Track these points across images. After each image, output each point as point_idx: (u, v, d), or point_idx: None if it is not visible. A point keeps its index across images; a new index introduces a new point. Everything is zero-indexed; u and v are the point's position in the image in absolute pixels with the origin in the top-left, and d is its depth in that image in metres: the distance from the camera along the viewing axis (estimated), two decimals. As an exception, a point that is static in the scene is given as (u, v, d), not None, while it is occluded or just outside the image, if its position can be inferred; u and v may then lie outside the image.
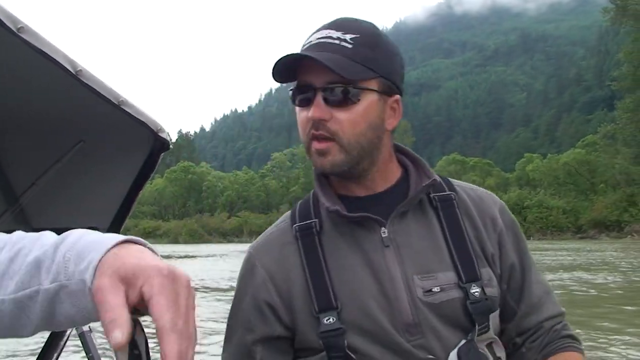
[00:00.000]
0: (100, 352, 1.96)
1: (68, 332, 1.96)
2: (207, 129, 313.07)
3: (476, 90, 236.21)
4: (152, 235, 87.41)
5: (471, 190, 1.51)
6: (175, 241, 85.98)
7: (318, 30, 1.35)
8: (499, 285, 1.42)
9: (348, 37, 1.31)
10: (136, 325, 0.72)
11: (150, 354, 1.56)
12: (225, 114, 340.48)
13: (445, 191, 1.47)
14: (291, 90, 1.36)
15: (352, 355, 1.30)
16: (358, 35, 1.32)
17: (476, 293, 1.35)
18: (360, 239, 1.38)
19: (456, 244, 1.40)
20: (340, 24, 1.35)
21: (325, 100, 1.31)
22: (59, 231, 2.06)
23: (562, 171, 78.40)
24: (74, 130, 1.77)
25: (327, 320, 1.32)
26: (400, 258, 1.37)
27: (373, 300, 1.33)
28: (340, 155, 1.34)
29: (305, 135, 1.35)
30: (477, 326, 1.34)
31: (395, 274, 1.35)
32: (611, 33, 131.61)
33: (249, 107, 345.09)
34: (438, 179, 1.44)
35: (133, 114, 1.65)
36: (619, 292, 15.28)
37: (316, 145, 1.34)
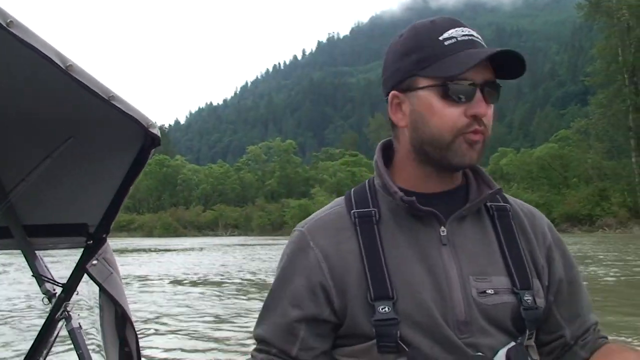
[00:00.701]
0: (90, 348, 1.96)
1: (57, 329, 1.96)
2: (182, 121, 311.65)
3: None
4: (126, 229, 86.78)
5: (523, 205, 1.57)
6: (150, 234, 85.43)
7: (455, 27, 1.37)
8: (545, 297, 1.47)
9: (475, 32, 1.39)
10: (126, 323, 0.74)
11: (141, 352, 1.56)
12: (201, 107, 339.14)
13: (500, 202, 1.52)
14: (443, 85, 1.34)
15: (404, 346, 1.32)
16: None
17: (529, 300, 1.39)
18: (419, 234, 1.41)
19: (511, 252, 1.44)
20: (464, 23, 1.41)
21: (485, 98, 1.36)
22: (48, 227, 2.06)
23: (535, 165, 78.95)
24: (64, 125, 1.76)
25: (382, 309, 1.32)
26: (457, 257, 1.40)
27: (428, 294, 1.35)
28: (483, 147, 1.39)
29: (454, 131, 1.35)
30: (527, 332, 1.39)
31: (452, 272, 1.37)
32: (585, 29, 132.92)
33: (224, 100, 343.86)
34: (499, 187, 1.49)
35: (124, 109, 1.65)
36: (610, 284, 15.53)
37: (474, 137, 1.36)
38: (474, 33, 1.36)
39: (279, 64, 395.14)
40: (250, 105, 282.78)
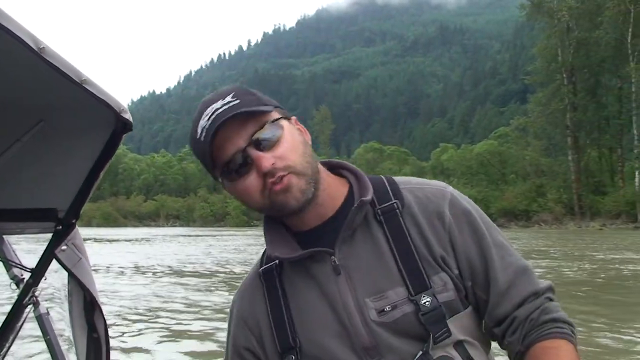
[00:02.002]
0: (57, 333, 1.95)
1: (25, 314, 1.93)
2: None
3: (395, 79, 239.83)
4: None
5: (419, 190, 1.48)
6: (89, 224, 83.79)
7: (201, 114, 1.37)
8: (461, 283, 1.42)
9: (228, 98, 1.36)
10: (95, 308, 0.73)
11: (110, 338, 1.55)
12: (143, 96, 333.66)
13: (389, 200, 1.46)
14: (218, 174, 1.39)
15: None
16: (234, 92, 1.38)
17: (427, 303, 1.36)
18: (314, 271, 1.42)
19: (402, 257, 1.40)
20: (212, 98, 1.39)
21: (259, 149, 1.34)
22: (17, 211, 2.02)
23: (475, 161, 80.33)
24: (35, 109, 1.74)
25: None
26: (352, 283, 1.39)
27: (330, 332, 1.38)
28: (301, 180, 1.35)
29: (261, 196, 1.37)
30: (431, 335, 1.35)
31: (347, 300, 1.38)
32: (526, 28, 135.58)
33: (168, 89, 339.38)
34: (369, 197, 1.43)
35: (96, 93, 1.63)
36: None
37: (278, 187, 1.35)
38: (217, 105, 1.35)
39: (224, 54, 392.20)
40: (194, 95, 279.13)
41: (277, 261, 1.48)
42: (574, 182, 62.39)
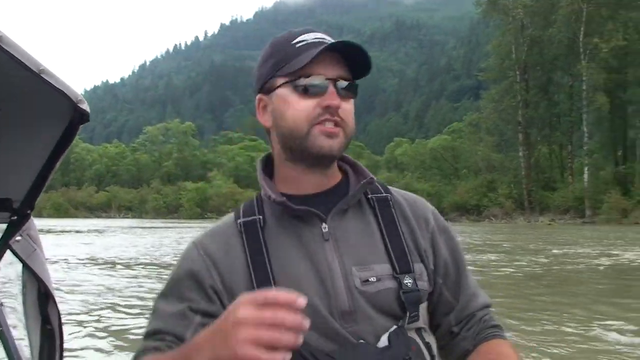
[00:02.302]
0: (11, 325, 1.91)
1: (-22, 305, 1.89)
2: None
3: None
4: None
5: (405, 194, 1.63)
6: (39, 215, 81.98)
7: (308, 33, 1.47)
8: (433, 279, 1.54)
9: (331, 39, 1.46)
10: (49, 300, 0.73)
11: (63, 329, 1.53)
12: (96, 85, 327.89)
13: (381, 193, 1.58)
14: (296, 80, 1.43)
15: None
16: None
17: (409, 284, 1.45)
18: (302, 233, 1.46)
19: (391, 240, 1.50)
20: (321, 31, 1.49)
21: (337, 91, 1.43)
22: None
23: (428, 156, 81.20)
24: (-9, 98, 1.71)
25: None
26: (339, 251, 1.45)
27: (312, 290, 1.39)
28: (344, 140, 1.46)
29: (309, 121, 1.42)
30: (408, 314, 1.44)
31: (334, 265, 1.43)
32: (481, 25, 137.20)
33: (122, 79, 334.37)
34: (375, 178, 1.56)
35: (53, 83, 1.62)
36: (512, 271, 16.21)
37: (329, 128, 1.43)
38: (327, 37, 1.46)
39: (180, 44, 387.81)
40: (148, 85, 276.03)
41: (260, 216, 1.48)
42: (524, 178, 63.56)
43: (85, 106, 1.74)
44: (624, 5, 59.28)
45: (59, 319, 1.72)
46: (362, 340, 1.39)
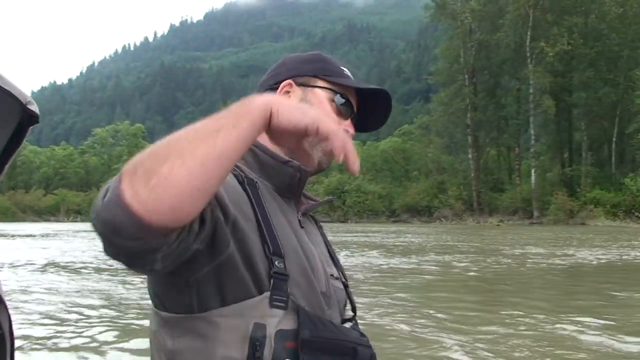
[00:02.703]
0: None
1: None
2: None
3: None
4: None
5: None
6: (-16, 219, 79.99)
7: (345, 67, 1.64)
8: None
9: None
10: (0, 303, 0.72)
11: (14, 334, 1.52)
12: (44, 86, 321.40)
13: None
14: (339, 94, 1.55)
15: (299, 303, 1.32)
16: None
17: (350, 294, 1.58)
18: (287, 211, 1.46)
19: (332, 252, 1.62)
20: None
21: (353, 123, 1.58)
22: None
23: (379, 158, 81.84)
24: None
25: (278, 264, 1.31)
26: (311, 241, 1.50)
27: (307, 263, 1.40)
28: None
29: None
30: (355, 315, 1.56)
31: (314, 251, 1.46)
32: (430, 29, 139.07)
33: (69, 80, 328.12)
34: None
35: (1, 84, 1.56)
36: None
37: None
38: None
39: (129, 45, 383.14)
40: (96, 87, 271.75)
41: (257, 181, 1.41)
42: (473, 180, 64.54)
43: (34, 108, 1.67)
44: (568, 11, 60.80)
45: (10, 323, 1.65)
46: (348, 319, 1.50)
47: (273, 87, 1.57)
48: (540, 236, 33.23)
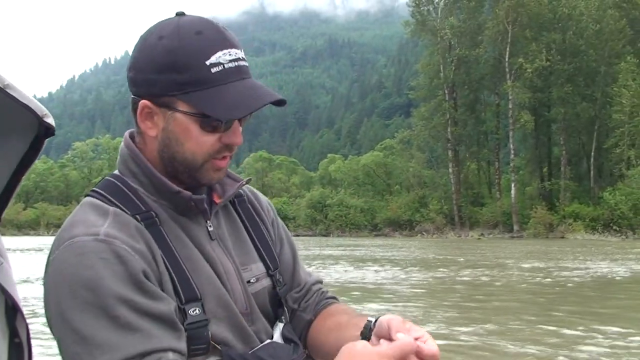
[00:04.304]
0: None
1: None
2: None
3: (285, 89, 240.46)
4: None
5: (246, 187, 1.61)
6: (-40, 233, 78.69)
7: (222, 49, 1.29)
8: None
9: (242, 54, 1.35)
10: (17, 313, 0.71)
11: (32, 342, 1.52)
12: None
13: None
14: (204, 118, 1.30)
15: (217, 345, 1.30)
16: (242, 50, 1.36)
17: (280, 279, 1.52)
18: (192, 231, 1.38)
19: (258, 237, 1.53)
20: (233, 38, 1.34)
21: (240, 124, 1.37)
22: None
23: (361, 172, 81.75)
24: (-44, 113, 1.74)
25: (193, 312, 1.28)
26: (227, 250, 1.43)
27: (222, 290, 1.35)
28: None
29: (207, 155, 1.33)
30: (285, 309, 1.52)
31: (228, 265, 1.40)
32: (411, 45, 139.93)
33: (50, 93, 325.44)
34: (245, 180, 1.53)
35: (18, 98, 1.65)
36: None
37: (222, 163, 1.36)
38: (240, 55, 1.32)
39: (109, 58, 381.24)
40: (77, 100, 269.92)
41: (151, 211, 1.33)
42: (454, 194, 64.79)
43: (50, 120, 1.78)
44: (546, 28, 61.55)
45: (28, 332, 1.75)
46: (269, 340, 1.42)
47: (135, 99, 1.36)
48: (535, 250, 33.33)
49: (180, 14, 1.34)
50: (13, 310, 1.68)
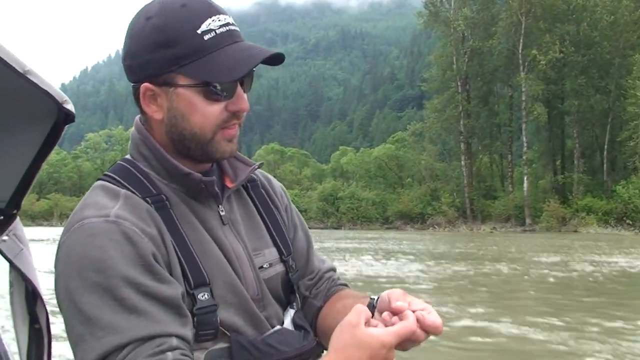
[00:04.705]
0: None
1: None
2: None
3: (297, 81, 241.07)
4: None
5: (259, 172, 1.60)
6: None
7: (210, 16, 1.29)
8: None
9: (231, 20, 1.34)
10: (37, 299, 0.72)
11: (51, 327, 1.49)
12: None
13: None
14: (205, 86, 1.30)
15: (225, 331, 1.30)
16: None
17: (293, 265, 1.51)
18: (203, 215, 1.38)
19: (272, 223, 1.52)
20: (218, 5, 1.33)
21: (243, 89, 1.36)
22: None
23: (373, 165, 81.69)
24: (-24, 99, 1.72)
25: (202, 297, 1.27)
26: (239, 235, 1.42)
27: (232, 274, 1.35)
28: (238, 137, 1.40)
29: (216, 126, 1.33)
30: (297, 295, 1.52)
31: (239, 250, 1.40)
32: (424, 36, 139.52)
33: (63, 84, 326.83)
34: (258, 164, 1.52)
35: (38, 84, 1.64)
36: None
37: (232, 132, 1.35)
38: (229, 20, 1.32)
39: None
40: (90, 91, 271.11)
41: (162, 195, 1.34)
42: (466, 187, 64.58)
43: (70, 107, 1.77)
44: (560, 19, 61.07)
45: (47, 318, 1.74)
46: (279, 326, 1.41)
47: (135, 86, 1.36)
48: (551, 243, 33.13)
49: None
50: (33, 296, 1.67)
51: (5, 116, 1.75)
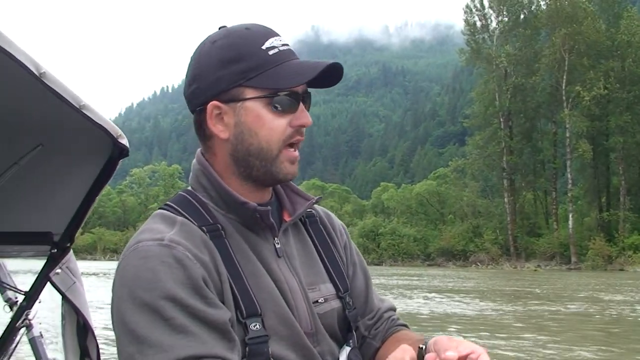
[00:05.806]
0: (50, 358, 1.89)
1: (18, 337, 1.90)
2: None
3: (338, 118, 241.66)
4: None
5: (318, 208, 1.61)
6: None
7: (272, 36, 1.36)
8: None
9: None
10: (88, 333, 0.74)
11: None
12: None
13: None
14: (273, 97, 1.33)
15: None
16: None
17: (350, 302, 1.48)
18: (258, 246, 1.38)
19: (328, 258, 1.51)
20: (273, 30, 1.39)
21: (306, 107, 1.39)
22: (12, 234, 1.98)
23: (414, 201, 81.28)
24: (34, 133, 1.74)
25: (254, 326, 1.27)
26: (294, 269, 1.41)
27: (285, 307, 1.34)
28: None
29: (282, 142, 1.35)
30: (355, 333, 1.48)
31: (293, 284, 1.38)
32: (465, 72, 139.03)
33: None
34: (316, 198, 1.51)
35: (94, 119, 1.66)
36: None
37: (294, 154, 1.38)
38: (287, 42, 1.38)
39: (167, 87, 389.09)
40: (135, 127, 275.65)
41: (218, 224, 1.35)
42: (509, 224, 63.73)
43: (124, 141, 1.79)
44: (604, 55, 60.51)
45: (98, 351, 1.74)
46: None
47: (201, 109, 1.38)
48: (603, 282, 32.49)
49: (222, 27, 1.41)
50: (84, 329, 1.67)
51: (61, 151, 1.77)
